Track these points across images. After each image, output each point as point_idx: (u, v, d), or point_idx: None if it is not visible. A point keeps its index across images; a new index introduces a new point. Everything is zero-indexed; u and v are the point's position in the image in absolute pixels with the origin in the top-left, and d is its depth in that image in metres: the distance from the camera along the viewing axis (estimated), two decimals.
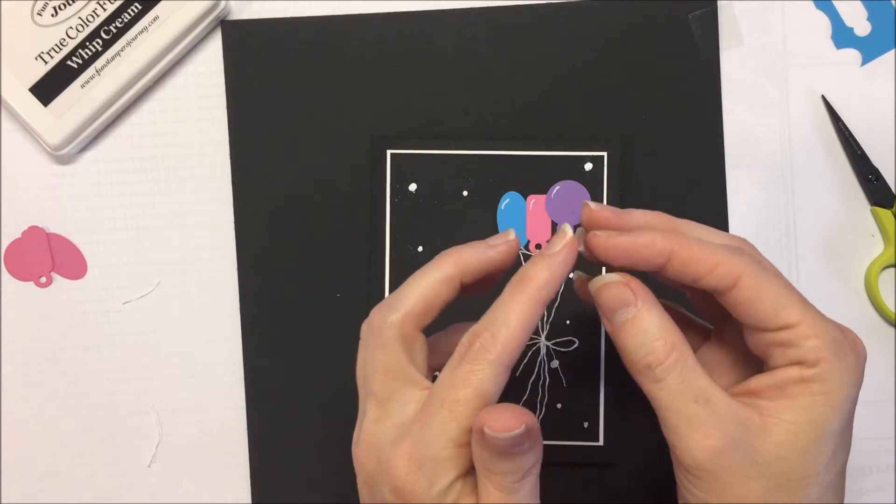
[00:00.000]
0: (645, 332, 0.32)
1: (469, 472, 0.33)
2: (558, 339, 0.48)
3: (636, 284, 0.33)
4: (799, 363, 0.32)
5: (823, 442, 0.31)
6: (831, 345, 0.31)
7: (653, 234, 0.33)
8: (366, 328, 0.35)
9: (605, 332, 0.48)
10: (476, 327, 0.33)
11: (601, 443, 0.48)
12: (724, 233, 0.35)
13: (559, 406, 0.48)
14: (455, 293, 0.35)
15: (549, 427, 0.48)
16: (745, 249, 0.34)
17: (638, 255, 0.33)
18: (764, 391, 0.32)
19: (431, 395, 0.33)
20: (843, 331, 0.33)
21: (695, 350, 0.35)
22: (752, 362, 0.35)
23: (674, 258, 0.33)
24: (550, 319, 0.48)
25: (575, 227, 0.34)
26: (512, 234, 0.36)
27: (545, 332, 0.48)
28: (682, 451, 0.32)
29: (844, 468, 0.33)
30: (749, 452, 0.31)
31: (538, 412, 0.48)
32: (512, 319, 0.33)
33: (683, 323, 0.37)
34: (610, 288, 0.33)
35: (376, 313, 0.35)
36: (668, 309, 0.34)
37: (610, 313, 0.33)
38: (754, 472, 0.31)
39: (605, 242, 0.33)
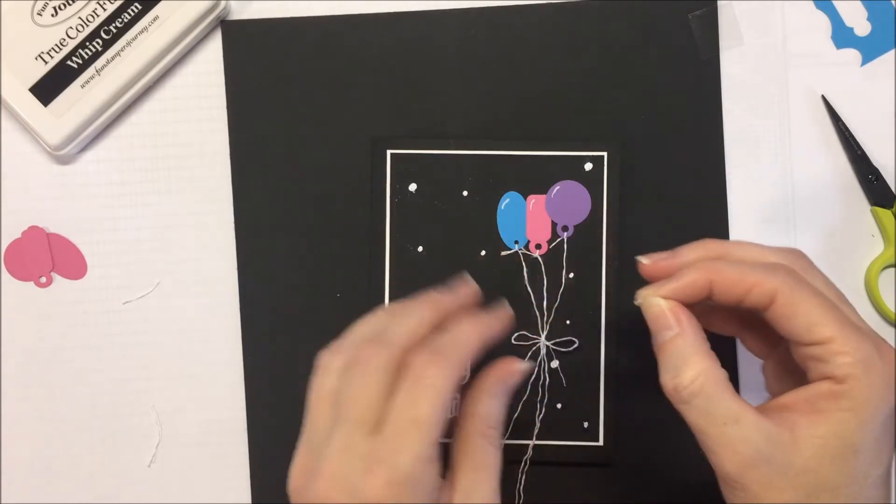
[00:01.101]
0: (677, 355, 0.35)
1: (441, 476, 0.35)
2: (558, 340, 0.48)
3: (680, 310, 0.36)
4: (830, 378, 0.34)
5: (852, 455, 0.33)
6: (861, 362, 0.33)
7: (691, 273, 0.36)
8: (347, 357, 0.36)
9: (605, 333, 0.48)
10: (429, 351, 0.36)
11: (601, 443, 0.48)
12: (777, 248, 0.37)
13: (559, 406, 0.48)
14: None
15: (549, 427, 0.48)
16: (784, 266, 0.36)
17: (684, 295, 0.36)
18: (798, 405, 0.34)
19: (395, 419, 0.34)
20: (880, 347, 0.34)
21: (770, 352, 0.40)
22: None
23: (714, 287, 0.36)
24: (550, 320, 0.48)
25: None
26: (466, 282, 0.41)
27: (545, 333, 0.48)
28: (714, 464, 0.35)
29: (886, 477, 0.35)
30: (779, 466, 0.33)
31: (538, 412, 0.48)
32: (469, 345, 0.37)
33: (762, 325, 0.38)
34: (654, 310, 0.36)
35: (367, 347, 0.36)
36: (741, 314, 0.38)
37: (654, 332, 0.37)
38: (784, 484, 0.33)
39: (655, 294, 0.36)
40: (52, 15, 0.47)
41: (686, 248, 0.38)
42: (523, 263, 0.49)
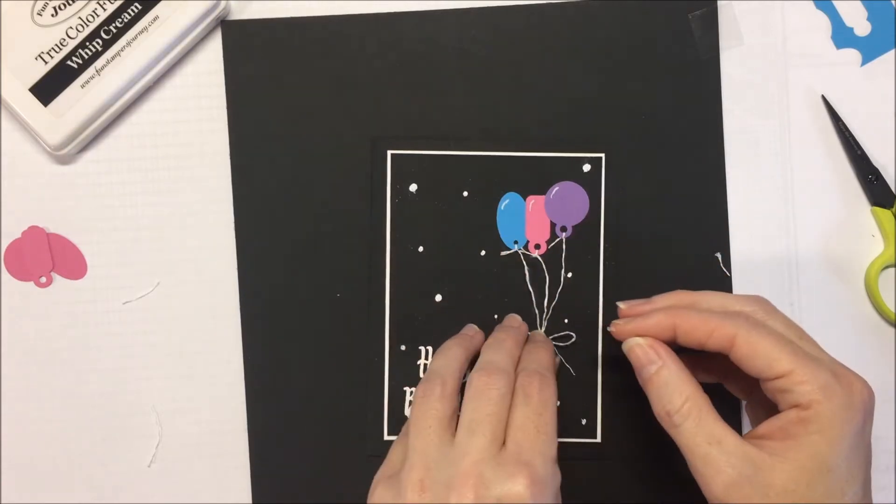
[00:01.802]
0: (665, 385, 0.39)
1: None
2: (556, 335, 0.48)
3: (658, 345, 0.40)
4: (796, 406, 0.37)
5: (826, 474, 0.36)
6: (821, 388, 0.36)
7: (658, 315, 0.40)
8: (448, 387, 0.41)
9: (603, 331, 0.48)
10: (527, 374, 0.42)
11: (598, 440, 0.48)
12: (742, 296, 0.42)
13: (557, 403, 0.48)
14: None
15: None
16: (743, 313, 0.40)
17: (650, 333, 0.40)
18: (773, 433, 0.37)
19: (523, 430, 0.40)
20: (837, 374, 0.37)
21: (750, 393, 0.44)
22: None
23: (678, 330, 0.40)
24: (548, 316, 0.48)
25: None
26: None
27: (543, 329, 0.48)
28: (701, 485, 0.38)
29: (863, 493, 0.37)
30: (760, 487, 0.36)
31: None
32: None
33: (739, 371, 0.40)
34: (636, 349, 0.40)
35: (484, 376, 0.40)
36: (721, 364, 0.41)
37: (639, 368, 0.40)
38: None
39: (622, 330, 0.41)
40: (52, 15, 0.47)
41: (659, 297, 0.43)
42: (523, 263, 0.49)
